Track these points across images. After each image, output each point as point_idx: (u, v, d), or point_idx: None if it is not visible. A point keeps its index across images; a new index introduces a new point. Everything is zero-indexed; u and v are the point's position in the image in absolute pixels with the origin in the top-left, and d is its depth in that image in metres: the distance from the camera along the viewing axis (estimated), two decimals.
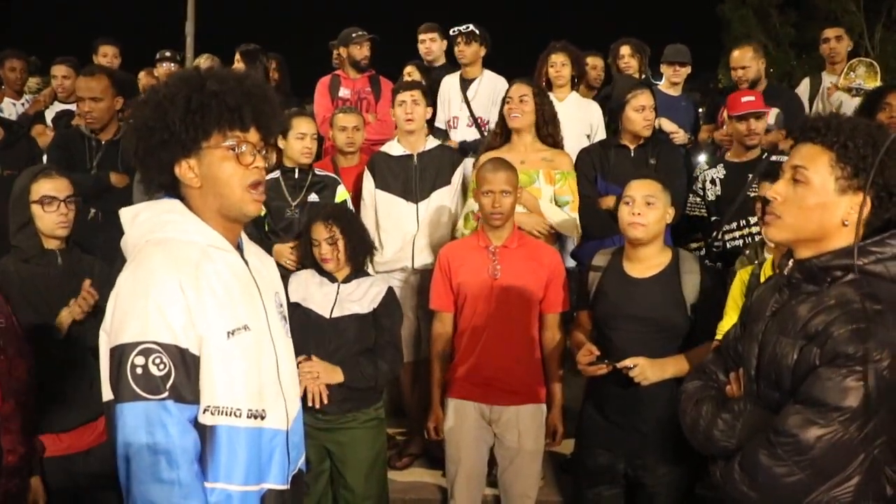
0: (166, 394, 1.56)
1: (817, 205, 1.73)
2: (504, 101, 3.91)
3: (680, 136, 4.84)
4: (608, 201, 3.82)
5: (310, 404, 2.98)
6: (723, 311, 2.79)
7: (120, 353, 1.57)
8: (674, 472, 2.80)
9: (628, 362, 2.69)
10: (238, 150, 1.70)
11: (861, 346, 1.59)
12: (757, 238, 3.55)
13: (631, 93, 3.84)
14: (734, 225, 3.75)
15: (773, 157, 3.79)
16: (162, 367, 1.56)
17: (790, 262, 1.85)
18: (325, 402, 3.03)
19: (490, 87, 4.93)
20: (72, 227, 2.93)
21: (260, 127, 1.75)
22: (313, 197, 3.84)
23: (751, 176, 3.75)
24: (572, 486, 3.28)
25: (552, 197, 3.80)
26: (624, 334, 2.83)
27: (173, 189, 1.75)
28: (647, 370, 2.69)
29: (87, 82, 4.09)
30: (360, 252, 3.26)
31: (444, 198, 3.99)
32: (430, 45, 5.51)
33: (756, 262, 3.07)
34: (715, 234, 3.83)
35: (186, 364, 1.60)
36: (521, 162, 3.64)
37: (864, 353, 1.59)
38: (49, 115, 5.58)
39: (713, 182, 3.89)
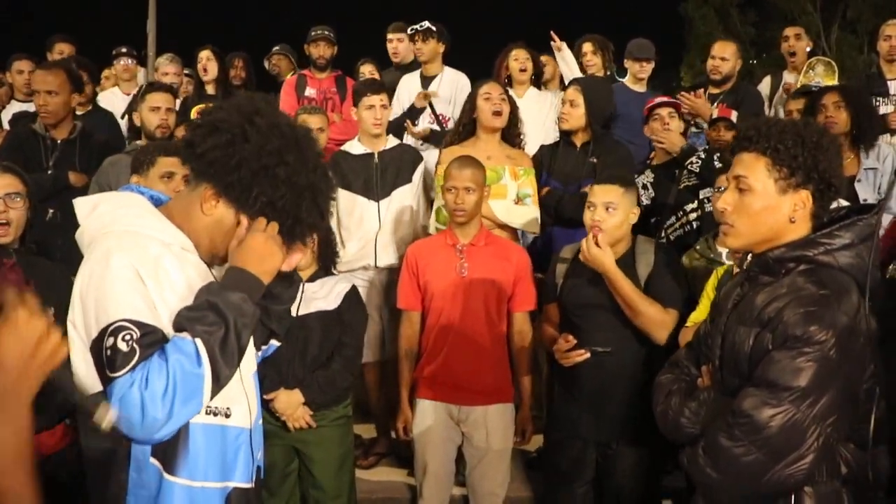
0: (131, 368, 1.50)
1: (763, 208, 1.83)
2: (475, 98, 3.84)
3: None
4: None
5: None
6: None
7: (98, 344, 1.53)
8: (640, 465, 2.85)
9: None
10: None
11: (808, 328, 1.67)
12: (696, 225, 3.68)
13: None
14: (672, 219, 3.84)
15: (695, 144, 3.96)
16: (130, 341, 1.51)
17: (749, 257, 1.95)
18: (314, 424, 3.07)
19: (451, 84, 4.95)
20: (22, 227, 2.68)
21: None
22: None
23: (677, 172, 3.86)
24: (543, 485, 3.29)
25: (516, 194, 3.81)
26: (592, 322, 2.87)
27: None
28: (607, 254, 2.75)
29: (43, 76, 4.03)
30: (326, 252, 3.28)
31: (406, 196, 3.99)
32: (398, 45, 5.55)
33: (710, 255, 3.14)
34: (658, 234, 3.90)
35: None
36: (487, 158, 3.65)
37: (811, 335, 1.67)
38: (6, 116, 5.44)
39: (645, 187, 3.98)
